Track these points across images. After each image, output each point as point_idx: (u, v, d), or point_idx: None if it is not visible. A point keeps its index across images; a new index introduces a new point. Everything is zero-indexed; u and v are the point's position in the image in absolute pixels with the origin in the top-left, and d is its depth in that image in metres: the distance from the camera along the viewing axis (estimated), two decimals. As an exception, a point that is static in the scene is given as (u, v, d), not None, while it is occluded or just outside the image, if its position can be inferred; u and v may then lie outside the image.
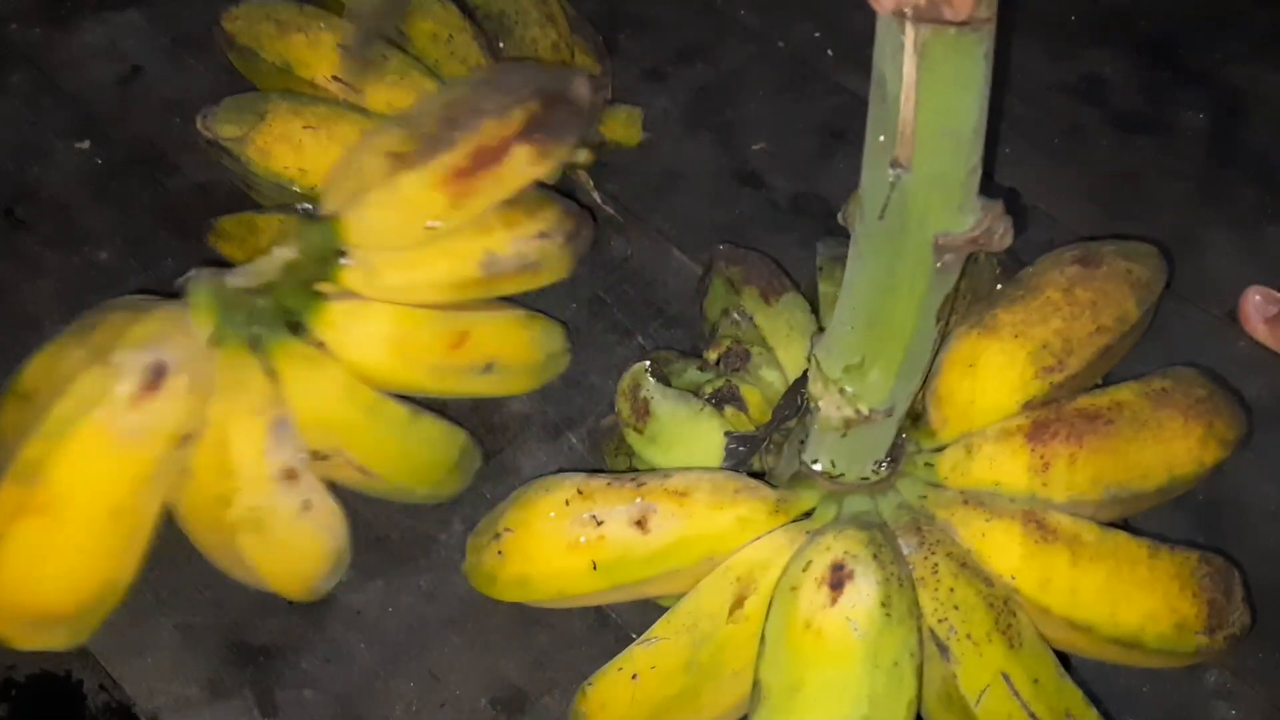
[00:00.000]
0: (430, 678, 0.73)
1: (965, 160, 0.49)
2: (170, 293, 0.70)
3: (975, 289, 0.71)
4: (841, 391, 0.59)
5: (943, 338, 0.63)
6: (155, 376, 0.64)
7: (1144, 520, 0.77)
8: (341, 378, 0.71)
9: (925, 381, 0.65)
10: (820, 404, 0.60)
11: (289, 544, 0.70)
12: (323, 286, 0.71)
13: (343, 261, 0.70)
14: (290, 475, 0.68)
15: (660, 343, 0.87)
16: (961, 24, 0.44)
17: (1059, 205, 0.93)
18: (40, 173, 0.97)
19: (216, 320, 0.67)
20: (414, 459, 0.75)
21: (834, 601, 0.57)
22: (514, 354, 0.78)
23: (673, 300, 0.89)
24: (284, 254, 0.69)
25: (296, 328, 0.70)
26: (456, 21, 0.85)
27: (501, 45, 0.86)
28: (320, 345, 0.70)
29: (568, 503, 0.64)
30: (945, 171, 0.49)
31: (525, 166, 0.72)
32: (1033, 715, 0.60)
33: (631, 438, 0.70)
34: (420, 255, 0.72)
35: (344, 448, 0.71)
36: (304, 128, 0.77)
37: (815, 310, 0.75)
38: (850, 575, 0.58)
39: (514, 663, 0.73)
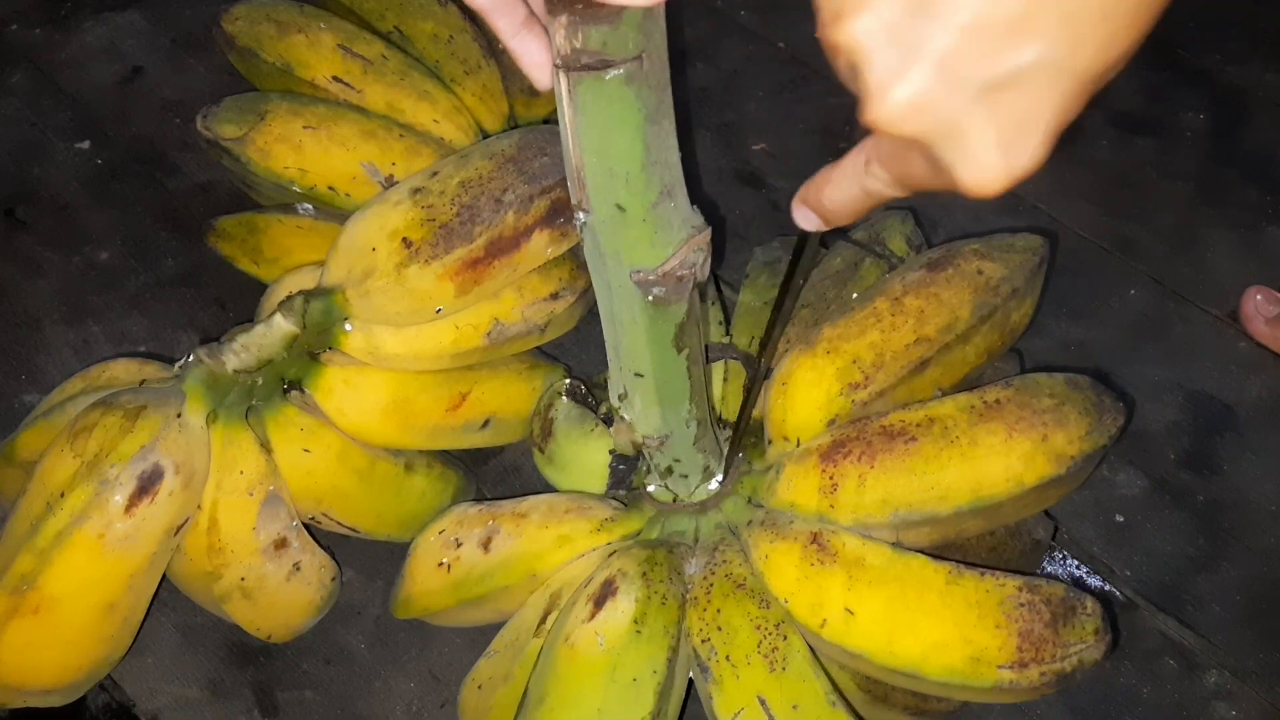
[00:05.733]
0: (430, 678, 0.73)
1: (642, 198, 0.48)
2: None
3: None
4: (622, 419, 0.60)
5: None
6: (150, 483, 0.62)
7: (1142, 520, 0.77)
8: (336, 444, 0.69)
9: (759, 401, 0.63)
10: (614, 430, 0.62)
11: (276, 605, 0.70)
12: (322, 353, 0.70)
13: (346, 327, 0.68)
14: (280, 544, 0.68)
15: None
16: (602, 67, 0.44)
17: (1059, 205, 0.93)
18: (40, 173, 0.97)
19: (211, 406, 0.66)
20: (403, 513, 0.74)
21: (592, 617, 0.58)
22: (514, 407, 0.76)
23: (673, 300, 0.89)
24: (286, 326, 0.67)
25: (293, 386, 0.69)
26: (457, 22, 0.85)
27: (501, 46, 0.86)
28: (316, 407, 0.69)
29: (445, 530, 0.66)
30: (623, 210, 0.49)
31: (543, 250, 0.68)
32: None
33: (536, 458, 0.71)
34: (424, 328, 0.69)
35: (333, 514, 0.71)
36: (304, 128, 0.77)
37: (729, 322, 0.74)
38: (614, 592, 0.58)
39: (514, 663, 0.73)
